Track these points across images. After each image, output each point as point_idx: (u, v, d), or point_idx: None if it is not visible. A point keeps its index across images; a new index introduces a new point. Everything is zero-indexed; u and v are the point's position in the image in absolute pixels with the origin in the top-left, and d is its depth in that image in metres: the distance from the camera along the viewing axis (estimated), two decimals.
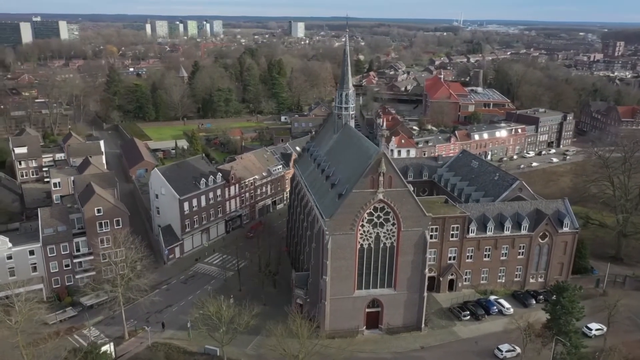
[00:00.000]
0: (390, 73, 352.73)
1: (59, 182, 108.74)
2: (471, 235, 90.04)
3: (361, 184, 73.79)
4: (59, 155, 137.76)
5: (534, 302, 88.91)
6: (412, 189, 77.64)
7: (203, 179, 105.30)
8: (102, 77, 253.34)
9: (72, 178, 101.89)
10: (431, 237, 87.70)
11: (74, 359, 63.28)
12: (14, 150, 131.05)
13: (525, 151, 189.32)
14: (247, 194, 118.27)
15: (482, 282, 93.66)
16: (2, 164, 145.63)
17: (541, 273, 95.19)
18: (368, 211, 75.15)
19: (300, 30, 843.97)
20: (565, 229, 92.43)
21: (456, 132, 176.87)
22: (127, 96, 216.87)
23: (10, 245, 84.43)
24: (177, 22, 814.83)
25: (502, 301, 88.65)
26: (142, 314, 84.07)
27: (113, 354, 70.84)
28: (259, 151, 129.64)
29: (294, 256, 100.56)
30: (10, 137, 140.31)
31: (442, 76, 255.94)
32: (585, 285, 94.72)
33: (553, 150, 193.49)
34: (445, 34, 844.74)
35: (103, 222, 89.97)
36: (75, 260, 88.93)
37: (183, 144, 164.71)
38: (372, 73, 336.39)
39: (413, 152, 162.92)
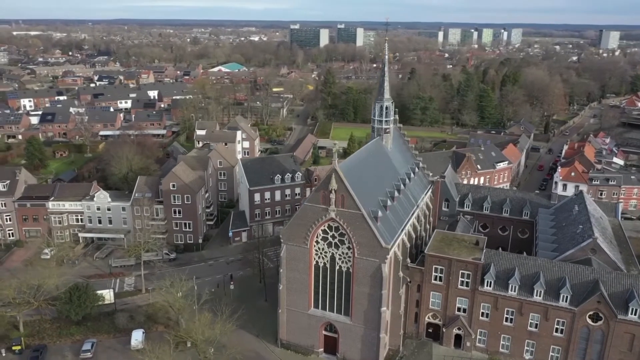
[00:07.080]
0: None
1: None
2: (486, 288, 74.18)
3: (313, 197, 70.99)
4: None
5: None
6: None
7: (279, 175, 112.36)
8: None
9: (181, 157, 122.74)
10: (435, 278, 76.90)
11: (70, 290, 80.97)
12: (196, 132, 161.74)
13: None
14: None
15: (501, 350, 75.96)
16: None
17: None
18: (322, 228, 71.48)
19: (613, 40, 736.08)
20: (631, 316, 67.34)
21: None
22: (340, 97, 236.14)
23: (109, 200, 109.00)
24: (472, 30, 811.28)
25: None
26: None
27: (111, 298, 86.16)
28: None
29: None
30: (197, 121, 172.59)
31: None
32: None
33: None
34: None
35: (175, 195, 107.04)
36: (152, 222, 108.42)
37: (343, 144, 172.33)
38: None
39: (584, 190, 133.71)
